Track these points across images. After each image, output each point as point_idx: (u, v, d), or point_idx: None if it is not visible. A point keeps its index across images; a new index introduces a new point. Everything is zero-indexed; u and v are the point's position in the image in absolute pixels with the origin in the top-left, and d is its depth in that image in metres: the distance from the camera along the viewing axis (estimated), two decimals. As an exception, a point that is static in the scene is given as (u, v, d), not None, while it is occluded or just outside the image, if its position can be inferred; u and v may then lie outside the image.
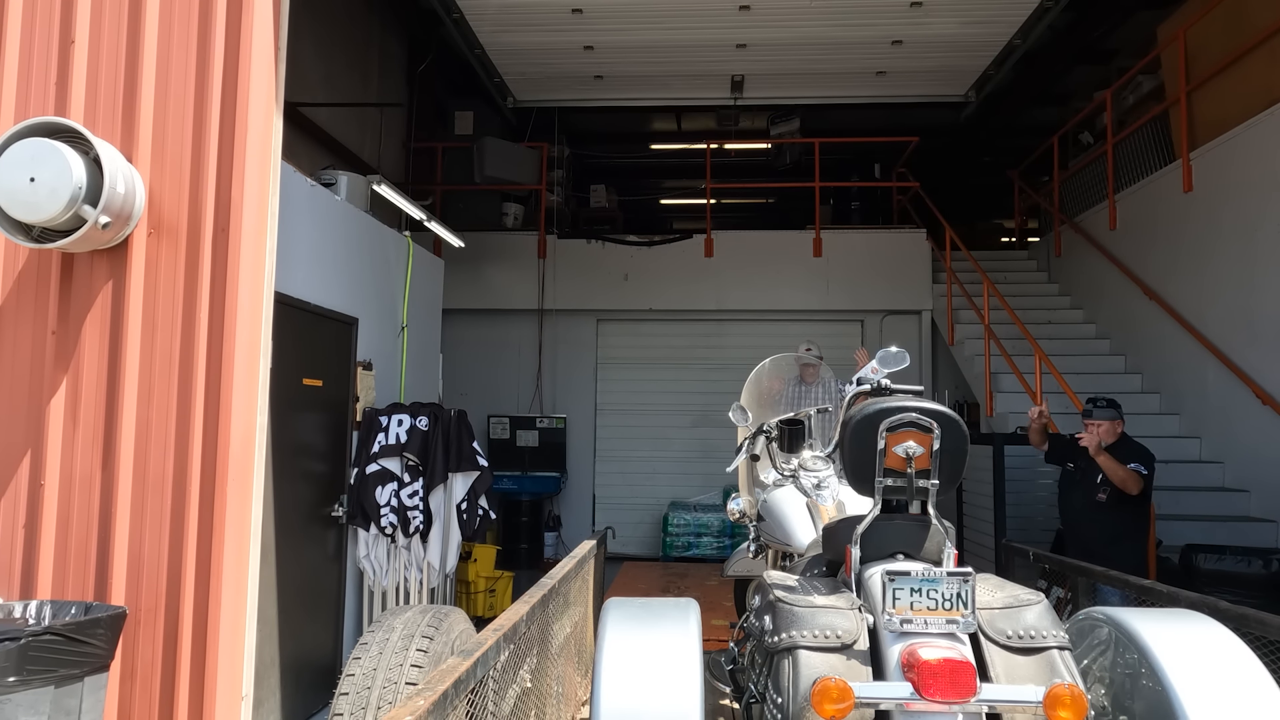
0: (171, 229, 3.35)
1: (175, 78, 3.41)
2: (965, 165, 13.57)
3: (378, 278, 5.81)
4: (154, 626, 3.18)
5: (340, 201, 5.36)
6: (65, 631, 2.83)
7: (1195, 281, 7.19)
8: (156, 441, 3.25)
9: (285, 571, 4.45)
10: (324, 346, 5.01)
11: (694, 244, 10.14)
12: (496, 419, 9.91)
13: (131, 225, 3.33)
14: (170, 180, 3.37)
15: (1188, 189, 7.23)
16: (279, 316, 3.70)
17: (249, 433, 3.31)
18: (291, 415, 4.61)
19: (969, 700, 1.79)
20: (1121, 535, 4.70)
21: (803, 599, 2.07)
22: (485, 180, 10.00)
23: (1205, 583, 4.41)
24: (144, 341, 3.30)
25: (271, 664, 4.32)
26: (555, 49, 8.89)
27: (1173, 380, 7.59)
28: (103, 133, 3.39)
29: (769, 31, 8.30)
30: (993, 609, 2.02)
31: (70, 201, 3.08)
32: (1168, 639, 2.07)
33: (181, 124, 3.39)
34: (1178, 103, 7.43)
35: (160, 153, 3.39)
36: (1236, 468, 6.68)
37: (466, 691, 2.12)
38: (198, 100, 3.39)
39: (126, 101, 3.42)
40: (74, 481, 3.26)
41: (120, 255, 3.35)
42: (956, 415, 2.18)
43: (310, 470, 4.88)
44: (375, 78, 9.38)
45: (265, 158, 3.47)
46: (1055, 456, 5.22)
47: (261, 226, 3.42)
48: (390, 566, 5.25)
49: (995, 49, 8.66)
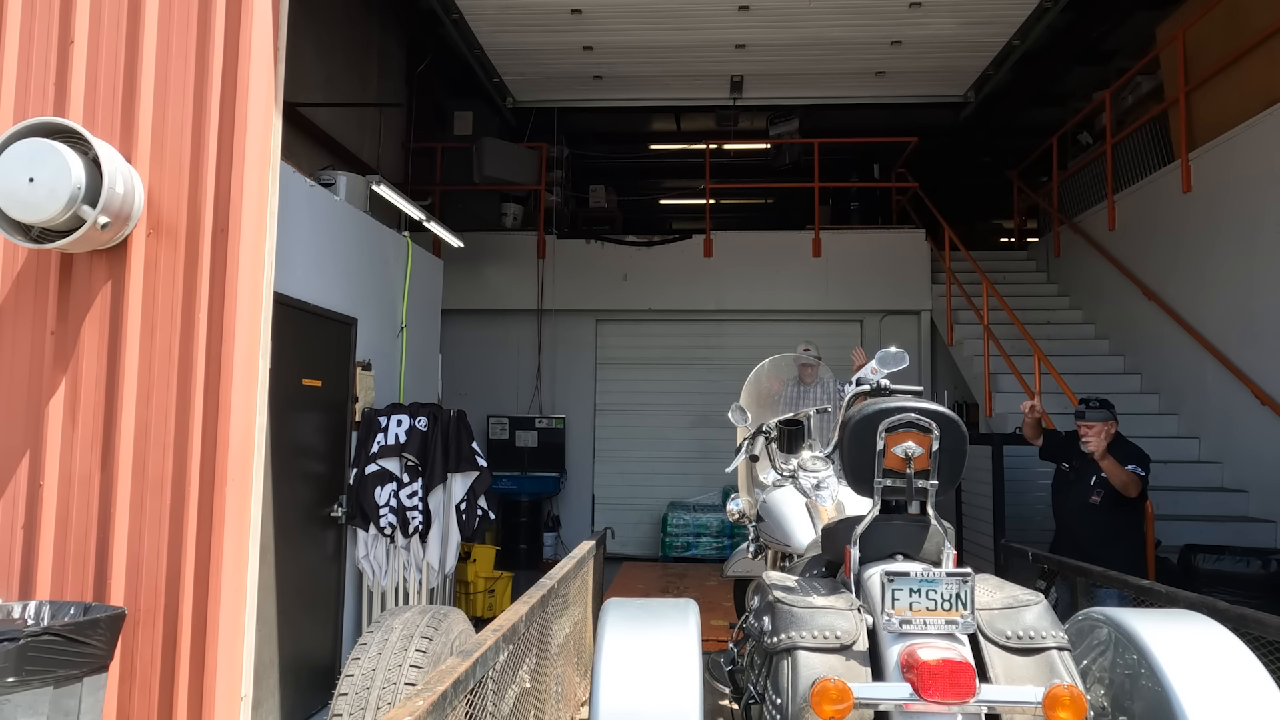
0: (171, 229, 3.34)
1: (174, 78, 3.40)
2: (963, 166, 13.56)
3: (377, 278, 5.81)
4: (153, 627, 3.17)
5: (339, 202, 5.36)
6: (64, 632, 2.82)
7: (1194, 281, 7.19)
8: (156, 442, 3.24)
9: (284, 572, 4.45)
10: (323, 347, 5.00)
11: (693, 244, 10.13)
12: (496, 419, 9.90)
13: (131, 225, 3.32)
14: (169, 180, 3.36)
15: (1187, 189, 7.23)
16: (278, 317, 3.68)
17: (248, 433, 3.31)
18: (291, 416, 4.61)
19: (968, 701, 1.78)
20: (1116, 537, 4.68)
21: (802, 599, 2.06)
22: (484, 180, 10.01)
23: (1204, 583, 4.41)
24: (143, 341, 3.29)
25: (271, 664, 4.32)
26: (554, 49, 8.88)
27: (1172, 380, 7.59)
28: (102, 133, 3.38)
29: (768, 32, 8.30)
30: (992, 609, 2.02)
31: (69, 202, 3.07)
32: (1167, 639, 2.07)
33: (181, 124, 3.38)
34: (1177, 103, 7.43)
35: (159, 153, 3.38)
36: (1235, 468, 6.68)
37: (466, 692, 2.11)
38: (197, 100, 3.38)
39: (126, 101, 3.41)
40: (73, 482, 3.25)
41: (119, 255, 3.35)
42: (955, 415, 2.18)
43: (309, 470, 4.88)
44: (374, 78, 9.37)
45: (265, 158, 3.46)
46: (1050, 453, 5.20)
47: (261, 227, 3.42)
48: (389, 567, 5.25)
49: (994, 49, 8.67)
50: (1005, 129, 12.23)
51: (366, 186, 6.05)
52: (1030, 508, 5.99)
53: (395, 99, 9.85)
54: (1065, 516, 4.94)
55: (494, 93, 10.18)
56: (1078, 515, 4.79)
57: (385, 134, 9.70)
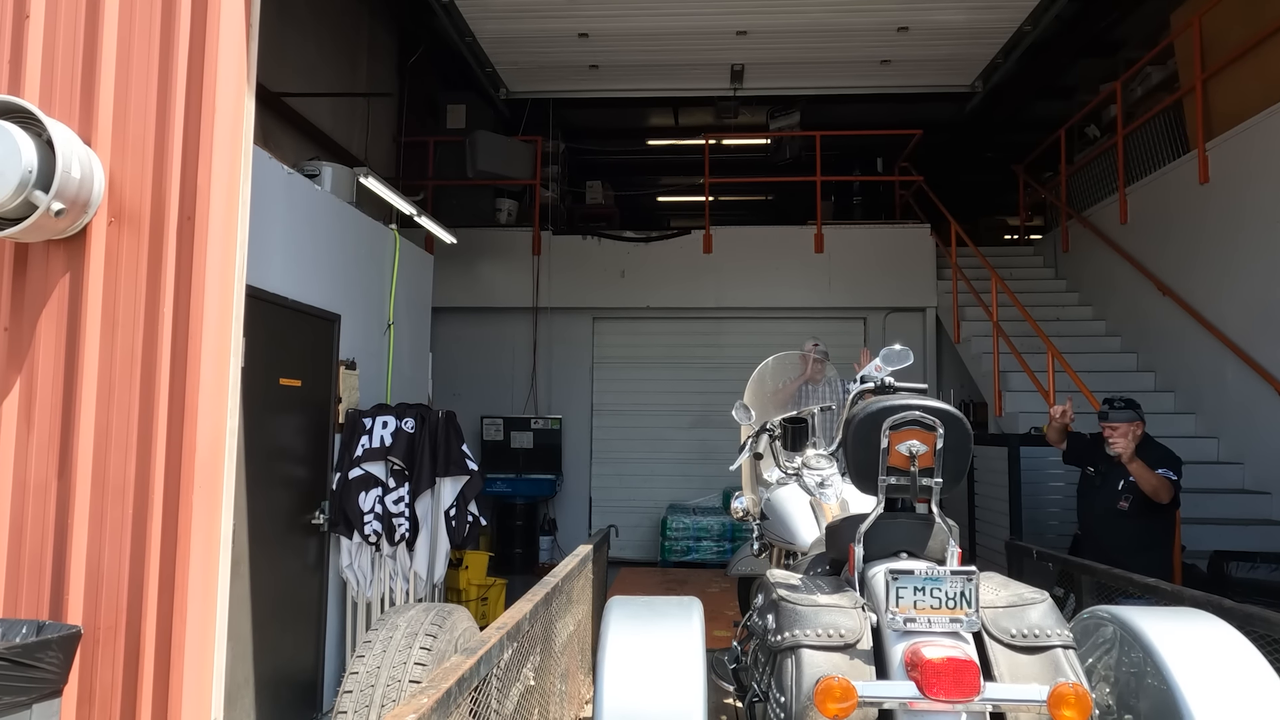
0: (134, 217, 3.14)
1: (138, 55, 3.19)
2: (965, 162, 13.44)
3: (362, 273, 5.56)
4: (113, 646, 2.97)
5: (321, 191, 5.10)
6: (11, 655, 2.65)
7: (1212, 275, 6.97)
8: (117, 446, 3.04)
9: (261, 584, 4.19)
10: (303, 344, 4.74)
11: (692, 240, 9.93)
12: (490, 420, 9.69)
13: (90, 213, 3.12)
14: (132, 165, 3.15)
15: (1204, 180, 7.00)
16: (253, 312, 3.49)
17: (218, 436, 3.10)
18: (268, 417, 4.36)
19: (973, 699, 1.79)
20: (1145, 545, 4.38)
21: (806, 598, 2.08)
22: (478, 175, 9.77)
23: (1238, 592, 4.11)
24: (104, 338, 3.08)
25: (245, 684, 4.06)
26: (548, 36, 8.59)
27: (1188, 378, 7.36)
28: (60, 114, 3.17)
29: (770, 17, 8.02)
30: (997, 608, 2.02)
31: (19, 186, 2.88)
32: (1173, 637, 2.07)
33: (145, 105, 3.17)
34: (1192, 92, 7.21)
35: (121, 135, 3.17)
36: (1257, 468, 6.44)
37: (470, 690, 2.15)
38: (161, 79, 3.17)
39: (85, 80, 3.19)
40: (27, 489, 3.05)
41: (78, 245, 3.14)
42: (960, 413, 2.18)
43: (289, 475, 4.62)
44: (364, 69, 9.15)
45: (235, 141, 3.26)
46: (1074, 457, 4.94)
47: (231, 214, 3.20)
48: (375, 577, 4.99)
49: (1005, 35, 8.39)
50: (1009, 124, 12.10)
51: (353, 179, 5.80)
52: (1047, 511, 5.75)
53: (386, 91, 9.61)
54: (1091, 522, 4.66)
55: (487, 83, 9.90)
56: (1104, 521, 4.51)
57: (376, 127, 9.47)
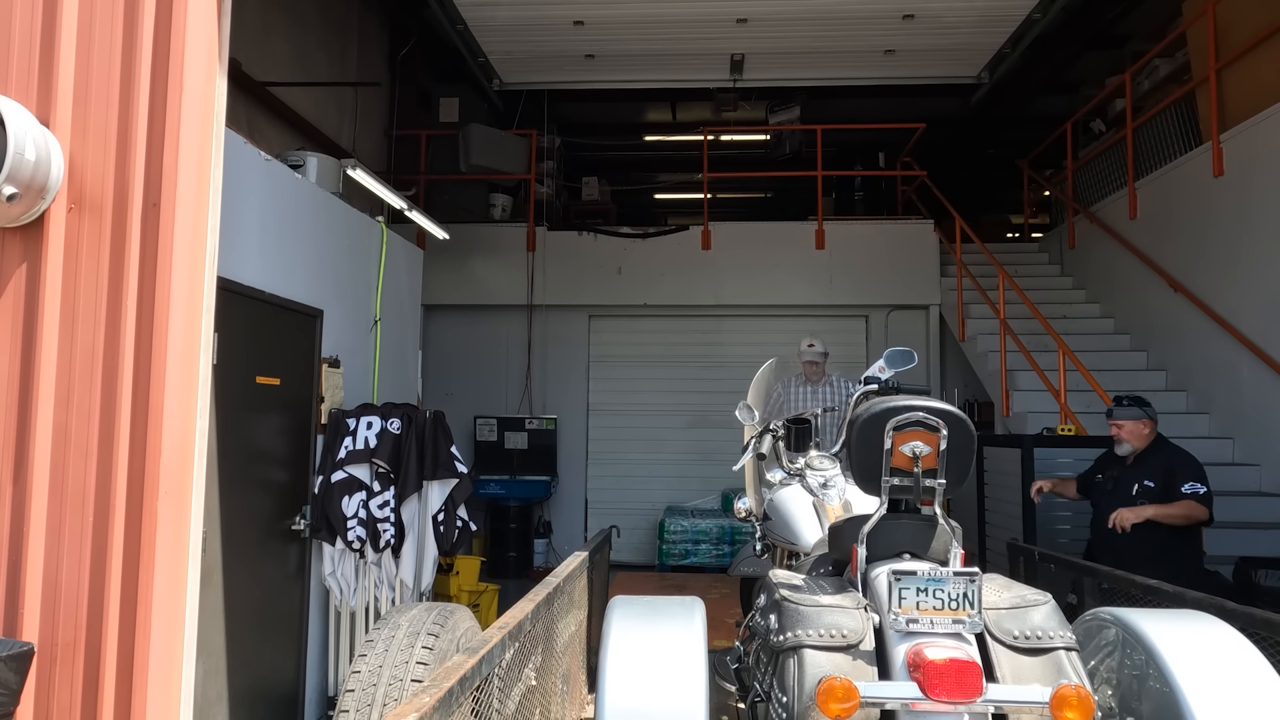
0: (95, 204, 2.93)
1: (100, 28, 2.96)
2: (969, 158, 13.28)
3: (347, 267, 5.33)
4: (72, 664, 2.78)
5: (302, 180, 4.87)
6: None
7: (1226, 270, 6.76)
8: (76, 450, 2.84)
9: (237, 594, 3.97)
10: (282, 341, 4.51)
11: (690, 236, 9.72)
12: (483, 420, 9.46)
13: (48, 199, 2.91)
14: (94, 147, 2.94)
15: (1218, 173, 6.79)
16: (226, 306, 3.28)
17: (186, 439, 2.90)
18: (244, 417, 4.13)
19: (975, 700, 1.79)
20: (1163, 556, 4.09)
21: (808, 598, 2.08)
22: (471, 170, 9.56)
23: (1268, 602, 3.89)
24: (63, 333, 2.88)
25: (219, 700, 3.84)
26: (543, 24, 8.32)
27: (1201, 376, 7.16)
28: (16, 93, 2.95)
29: (772, 4, 7.76)
30: (999, 609, 2.02)
31: (-34, 169, 2.67)
32: (1175, 639, 2.06)
33: (107, 82, 2.95)
34: (1205, 82, 7.01)
35: (82, 116, 2.95)
36: (1274, 470, 6.24)
37: (472, 689, 2.15)
38: (125, 55, 2.95)
39: (44, 57, 2.97)
40: (-22, 497, 2.81)
41: (35, 234, 2.92)
42: (963, 414, 2.17)
43: (267, 479, 4.39)
44: (355, 61, 8.93)
45: (206, 123, 3.04)
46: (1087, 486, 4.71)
47: (201, 202, 2.99)
48: (359, 584, 4.77)
49: (1014, 23, 8.13)
50: (1011, 119, 11.93)
51: (340, 170, 5.58)
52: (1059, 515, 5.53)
53: (375, 81, 9.38)
54: (1105, 530, 4.39)
55: (480, 74, 9.64)
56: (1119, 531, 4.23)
57: (367, 121, 9.25)
